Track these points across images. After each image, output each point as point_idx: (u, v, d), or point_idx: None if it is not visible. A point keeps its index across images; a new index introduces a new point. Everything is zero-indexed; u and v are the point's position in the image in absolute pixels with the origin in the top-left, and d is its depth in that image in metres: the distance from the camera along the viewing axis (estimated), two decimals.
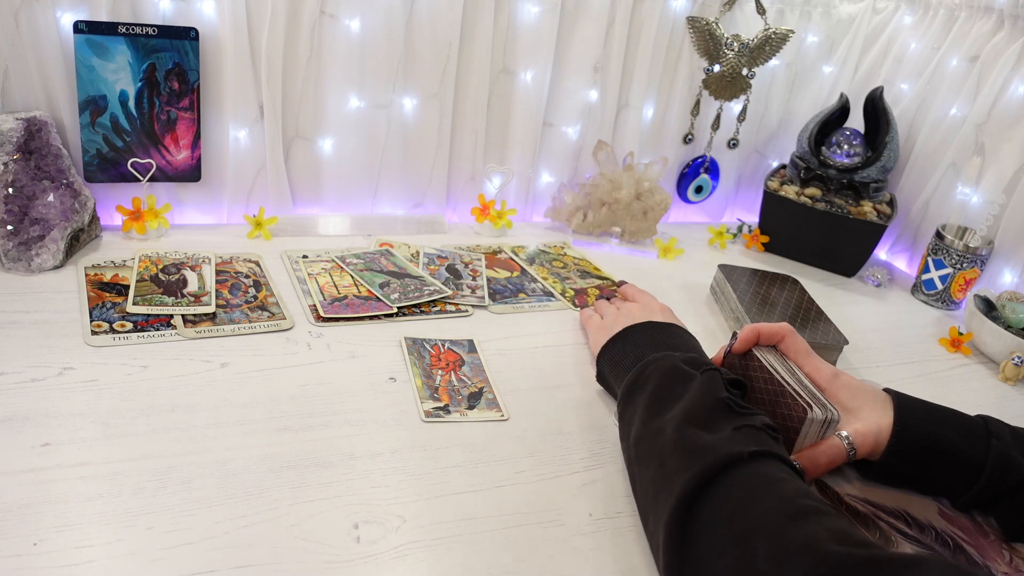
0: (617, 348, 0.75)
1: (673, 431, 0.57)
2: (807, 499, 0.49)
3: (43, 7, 0.85)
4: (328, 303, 0.86)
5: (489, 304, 0.91)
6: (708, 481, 0.51)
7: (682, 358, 0.66)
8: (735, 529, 0.48)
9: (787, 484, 0.50)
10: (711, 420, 0.57)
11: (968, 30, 1.14)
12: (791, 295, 1.00)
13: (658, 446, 0.57)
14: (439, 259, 1.00)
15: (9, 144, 0.83)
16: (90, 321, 0.75)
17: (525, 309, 0.92)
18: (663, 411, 0.61)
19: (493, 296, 0.93)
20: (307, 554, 0.53)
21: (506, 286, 0.97)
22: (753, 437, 0.55)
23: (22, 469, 0.56)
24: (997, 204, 1.09)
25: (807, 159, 1.19)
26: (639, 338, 0.74)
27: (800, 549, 0.44)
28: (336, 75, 1.01)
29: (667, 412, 0.60)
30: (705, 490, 0.51)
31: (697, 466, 0.52)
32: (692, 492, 0.51)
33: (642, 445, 0.60)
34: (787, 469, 0.53)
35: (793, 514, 0.47)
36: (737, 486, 0.51)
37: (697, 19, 1.17)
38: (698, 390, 0.61)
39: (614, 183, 1.15)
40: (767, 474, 0.52)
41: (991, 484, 0.63)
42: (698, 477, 0.51)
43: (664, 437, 0.57)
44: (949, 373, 0.95)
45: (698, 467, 0.52)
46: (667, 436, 0.57)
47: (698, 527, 0.50)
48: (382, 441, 0.65)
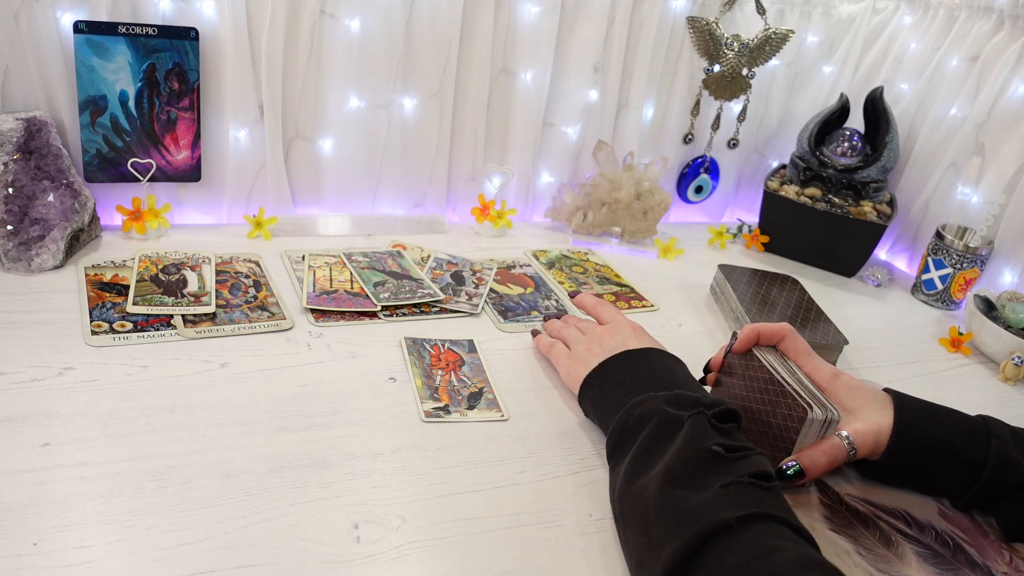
0: (596, 388, 0.69)
1: (655, 493, 0.53)
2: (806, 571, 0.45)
3: (43, 7, 0.85)
4: (316, 295, 0.86)
5: (500, 322, 0.88)
6: (695, 552, 0.47)
7: (666, 398, 0.62)
8: None
9: (781, 554, 0.45)
10: (695, 477, 0.53)
11: (968, 30, 1.14)
12: (791, 295, 1.00)
13: (641, 508, 0.53)
14: (448, 265, 1.00)
15: (9, 144, 0.83)
16: (90, 321, 0.75)
17: (537, 326, 0.88)
18: (649, 466, 0.56)
19: (504, 314, 0.90)
20: (307, 554, 0.53)
21: (519, 303, 0.93)
22: (742, 496, 0.50)
23: (22, 469, 0.56)
24: (997, 204, 1.09)
25: (807, 159, 1.19)
26: (619, 375, 0.69)
27: None
28: (336, 75, 1.01)
29: (651, 468, 0.56)
30: (692, 563, 0.47)
31: (681, 537, 0.48)
32: (678, 565, 0.47)
33: (626, 505, 0.56)
34: (784, 531, 0.49)
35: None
36: (726, 561, 0.46)
37: (697, 19, 1.17)
38: (682, 441, 0.56)
39: (614, 183, 1.15)
40: (759, 544, 0.47)
41: (991, 484, 0.63)
42: (682, 552, 0.47)
43: (647, 498, 0.53)
44: (949, 373, 0.95)
45: (683, 538, 0.48)
46: (650, 497, 0.53)
47: None
48: (382, 441, 0.65)
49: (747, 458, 0.54)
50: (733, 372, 0.72)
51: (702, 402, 0.61)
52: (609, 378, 0.69)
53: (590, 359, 0.72)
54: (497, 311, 0.90)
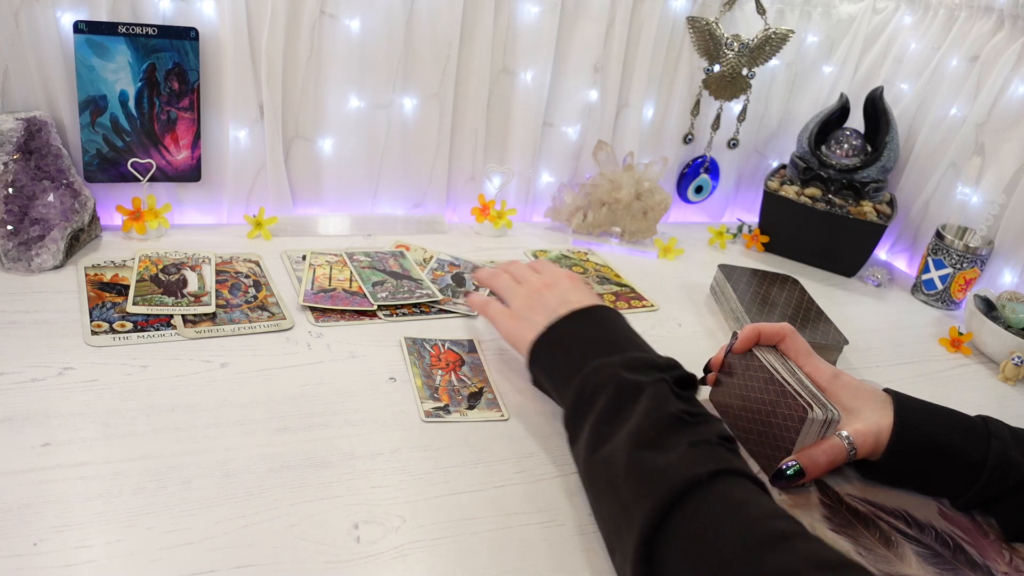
0: (546, 354, 0.68)
1: (623, 457, 0.54)
2: (776, 520, 0.46)
3: (43, 7, 0.85)
4: (313, 292, 0.86)
5: None
6: (669, 510, 0.48)
7: (622, 363, 0.62)
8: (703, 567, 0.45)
9: (752, 506, 0.47)
10: (662, 439, 0.54)
11: (968, 30, 1.14)
12: (791, 295, 1.00)
13: (610, 476, 0.54)
14: (450, 266, 1.00)
15: (9, 144, 0.83)
16: (90, 321, 0.75)
17: None
18: (611, 434, 0.57)
19: None
20: (307, 554, 0.53)
21: None
22: (709, 454, 0.52)
23: (22, 469, 0.56)
24: (997, 204, 1.09)
25: (807, 159, 1.19)
26: (568, 339, 0.67)
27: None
28: (336, 75, 1.01)
29: (615, 435, 0.57)
30: (666, 523, 0.48)
31: (654, 497, 0.49)
32: (653, 526, 0.48)
33: (593, 475, 0.57)
34: (750, 486, 0.50)
35: (764, 543, 0.44)
36: (700, 515, 0.48)
37: (697, 19, 1.17)
38: (645, 406, 0.57)
39: (614, 183, 1.15)
40: (729, 497, 0.49)
41: (991, 484, 0.63)
42: (657, 510, 0.48)
43: (615, 465, 0.54)
44: (949, 373, 0.95)
45: (655, 498, 0.49)
46: (618, 464, 0.54)
47: (663, 566, 0.47)
48: (382, 441, 0.65)
49: (709, 423, 0.57)
50: (733, 372, 0.72)
51: (657, 364, 0.62)
52: (559, 343, 0.68)
53: (533, 318, 0.70)
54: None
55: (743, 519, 0.46)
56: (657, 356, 0.64)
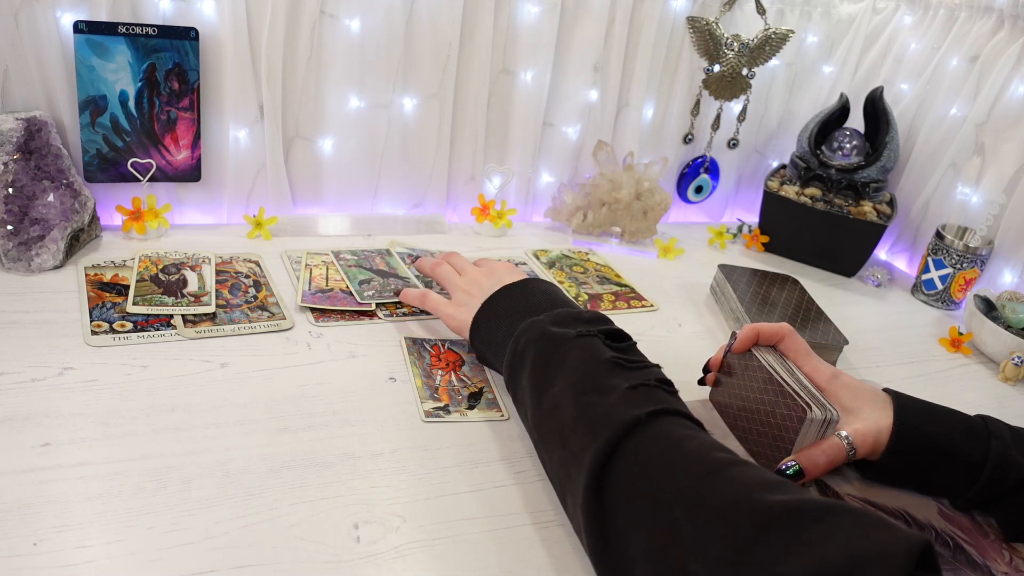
0: (483, 327, 0.73)
1: (569, 404, 0.56)
2: (714, 451, 0.49)
3: (43, 7, 0.85)
4: (311, 293, 0.86)
5: None
6: (613, 451, 0.50)
7: (549, 320, 0.65)
8: (649, 500, 0.47)
9: (691, 441, 0.50)
10: (603, 384, 0.56)
11: (968, 30, 1.14)
12: (791, 295, 1.00)
13: (557, 425, 0.56)
14: (409, 258, 1.00)
15: (9, 144, 0.83)
16: (90, 321, 0.75)
17: None
18: (550, 384, 0.59)
19: None
20: (307, 554, 0.53)
21: None
22: (649, 396, 0.54)
23: (22, 469, 0.56)
24: (997, 204, 1.09)
25: (807, 159, 1.19)
26: (501, 309, 0.72)
27: (720, 510, 0.43)
28: (336, 75, 1.01)
29: (554, 384, 0.59)
30: (612, 462, 0.50)
31: (600, 439, 0.51)
32: (599, 467, 0.50)
33: (542, 427, 0.59)
34: (689, 424, 0.53)
35: (705, 473, 0.46)
36: (642, 452, 0.50)
37: (697, 19, 1.17)
38: (579, 355, 0.60)
39: (614, 183, 1.15)
40: (670, 434, 0.51)
41: (991, 484, 0.63)
42: (602, 451, 0.50)
43: (561, 412, 0.56)
44: (949, 373, 0.95)
45: (601, 439, 0.51)
46: (564, 411, 0.56)
47: (612, 503, 0.49)
48: (382, 441, 0.65)
49: (647, 367, 0.59)
50: (732, 372, 0.72)
51: (584, 317, 0.65)
52: (493, 315, 0.72)
53: (472, 302, 0.75)
54: None
55: (683, 454, 0.49)
56: (582, 310, 0.67)
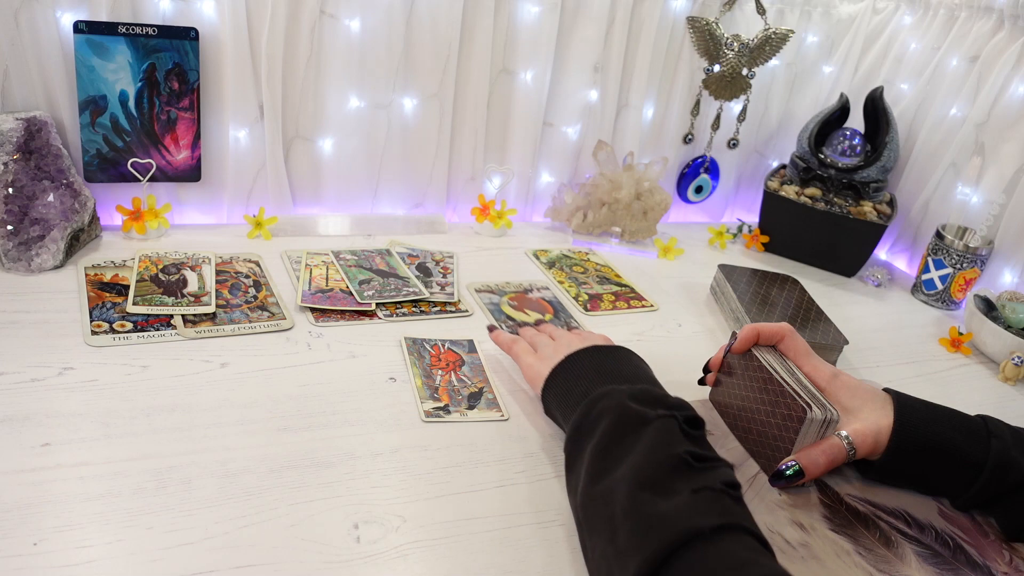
0: (560, 380, 0.67)
1: (624, 497, 0.50)
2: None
3: (43, 7, 0.85)
4: (311, 293, 0.86)
5: None
6: (665, 560, 0.45)
7: (631, 393, 0.60)
8: None
9: (755, 568, 0.44)
10: (665, 482, 0.51)
11: (968, 30, 1.14)
12: (791, 295, 1.00)
13: (608, 514, 0.51)
14: (410, 258, 1.00)
15: (9, 144, 0.83)
16: (90, 321, 0.75)
17: None
18: (612, 466, 0.54)
19: None
20: (307, 554, 0.53)
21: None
22: (715, 504, 0.49)
23: (22, 469, 0.56)
24: (997, 204, 1.09)
25: (807, 159, 1.19)
26: (583, 367, 0.67)
27: None
28: (336, 75, 1.01)
29: (616, 468, 0.54)
30: (663, 572, 0.45)
31: (652, 545, 0.46)
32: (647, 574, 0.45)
33: (590, 509, 0.53)
34: (755, 545, 0.47)
35: None
36: (697, 571, 0.44)
37: (697, 19, 1.17)
38: (650, 443, 0.54)
39: (614, 183, 1.15)
40: (731, 555, 0.45)
41: (991, 484, 0.63)
42: (652, 561, 0.45)
43: (614, 504, 0.51)
44: (949, 373, 0.95)
45: (653, 547, 0.45)
46: (617, 503, 0.51)
47: None
48: (382, 441, 0.65)
49: (716, 468, 0.53)
50: (732, 372, 0.72)
51: (667, 402, 0.59)
52: (573, 371, 0.67)
53: (555, 356, 0.69)
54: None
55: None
56: (668, 394, 0.61)
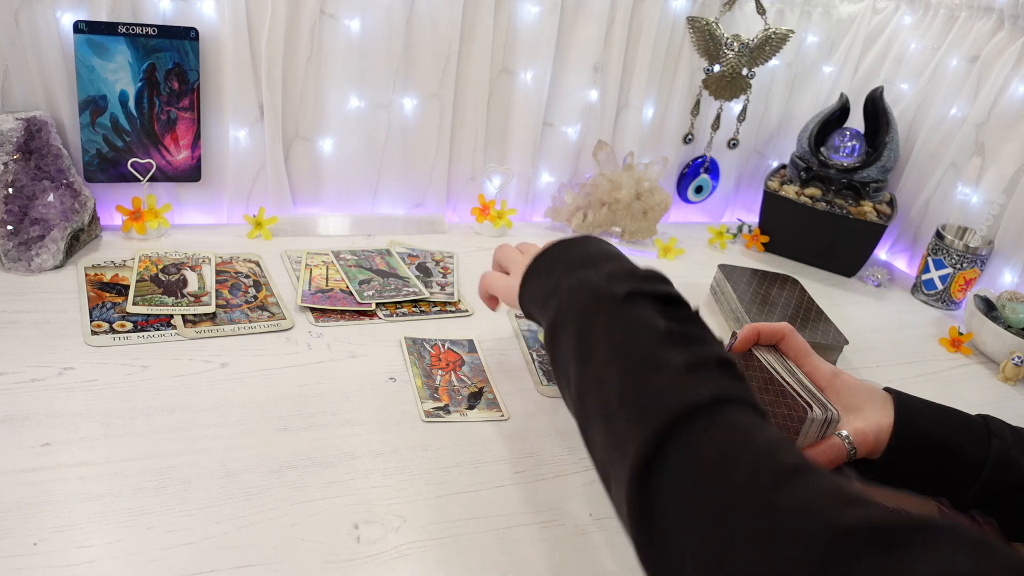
0: (531, 285, 0.66)
1: (615, 382, 0.49)
2: (786, 452, 0.42)
3: (43, 7, 0.85)
4: (311, 293, 0.86)
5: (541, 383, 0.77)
6: (666, 439, 0.43)
7: (600, 276, 0.57)
8: (707, 502, 0.40)
9: (760, 438, 0.42)
10: (656, 358, 0.48)
11: (968, 30, 1.14)
12: (791, 295, 1.00)
13: (602, 400, 0.49)
14: (410, 258, 1.00)
15: (9, 144, 0.83)
16: (90, 321, 0.75)
17: None
18: (597, 352, 0.52)
19: (550, 375, 0.78)
20: (307, 554, 0.53)
21: None
22: (710, 379, 0.47)
23: (22, 469, 0.56)
24: (997, 204, 1.09)
25: (807, 159, 1.19)
26: (551, 264, 0.65)
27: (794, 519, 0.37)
28: (336, 75, 1.01)
29: (601, 352, 0.52)
30: (664, 451, 0.43)
31: (651, 425, 0.44)
32: (649, 457, 0.43)
33: (585, 400, 0.52)
34: (753, 415, 0.45)
35: (775, 474, 0.40)
36: (702, 444, 0.43)
37: (697, 19, 1.17)
38: (630, 322, 0.52)
39: (614, 183, 1.15)
40: (735, 426, 0.43)
41: (991, 483, 0.63)
42: (653, 439, 0.43)
43: (607, 390, 0.49)
44: (949, 373, 0.95)
45: (652, 426, 0.44)
46: (610, 389, 0.49)
47: (662, 499, 0.42)
48: (382, 441, 0.65)
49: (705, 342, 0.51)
50: None
51: (637, 274, 0.57)
52: (542, 271, 0.65)
53: (524, 264, 0.68)
54: (542, 370, 0.79)
55: (751, 450, 0.41)
56: (640, 268, 0.59)
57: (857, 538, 0.35)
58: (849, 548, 0.35)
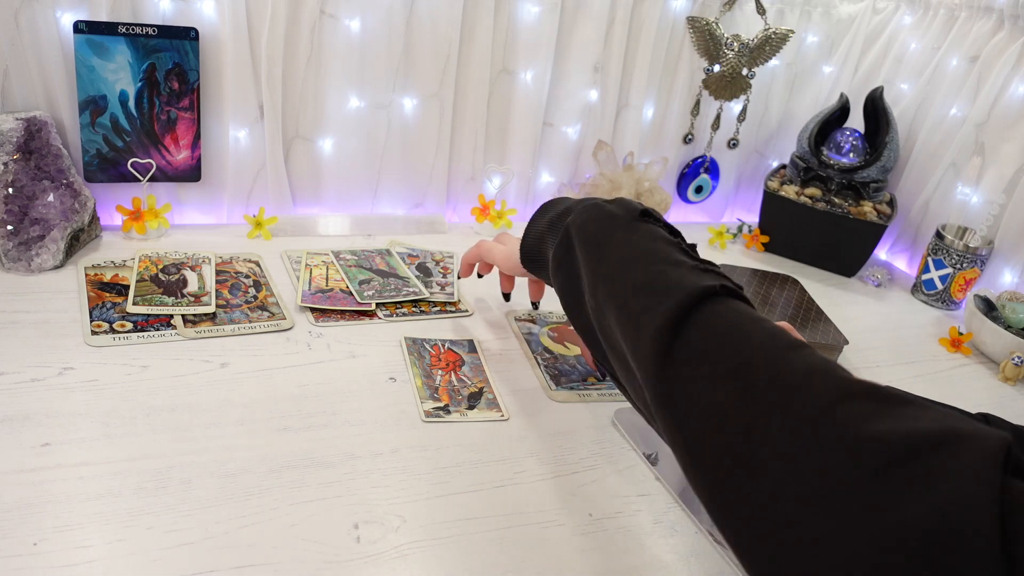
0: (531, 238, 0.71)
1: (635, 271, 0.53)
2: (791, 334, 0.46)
3: (43, 7, 0.85)
4: (311, 293, 0.86)
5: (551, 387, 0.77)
6: (689, 311, 0.47)
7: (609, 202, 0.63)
8: (727, 362, 0.44)
9: (768, 323, 0.46)
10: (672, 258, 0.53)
11: (968, 30, 1.14)
12: (791, 295, 1.00)
13: (622, 288, 0.53)
14: (410, 258, 1.00)
15: (9, 144, 0.83)
16: (90, 321, 0.75)
17: (593, 397, 0.76)
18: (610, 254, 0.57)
19: (557, 379, 0.78)
20: (307, 554, 0.53)
21: (574, 367, 0.81)
22: (720, 279, 0.51)
23: (22, 469, 0.56)
24: (997, 204, 1.09)
25: (807, 159, 1.19)
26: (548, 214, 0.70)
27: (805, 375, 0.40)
28: (336, 75, 1.01)
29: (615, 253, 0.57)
30: (688, 320, 0.47)
31: (671, 300, 0.48)
32: (669, 328, 0.46)
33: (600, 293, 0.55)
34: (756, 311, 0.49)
35: (786, 345, 0.43)
36: (720, 320, 0.47)
37: (697, 19, 1.17)
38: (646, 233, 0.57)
39: (614, 183, 1.15)
40: (747, 311, 0.48)
41: None
42: (674, 312, 0.47)
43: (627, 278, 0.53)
44: (949, 373, 0.95)
45: (672, 301, 0.48)
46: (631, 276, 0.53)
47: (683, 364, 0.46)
48: (382, 441, 0.65)
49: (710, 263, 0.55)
50: None
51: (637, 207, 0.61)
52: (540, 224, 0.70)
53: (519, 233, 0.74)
54: (549, 374, 0.79)
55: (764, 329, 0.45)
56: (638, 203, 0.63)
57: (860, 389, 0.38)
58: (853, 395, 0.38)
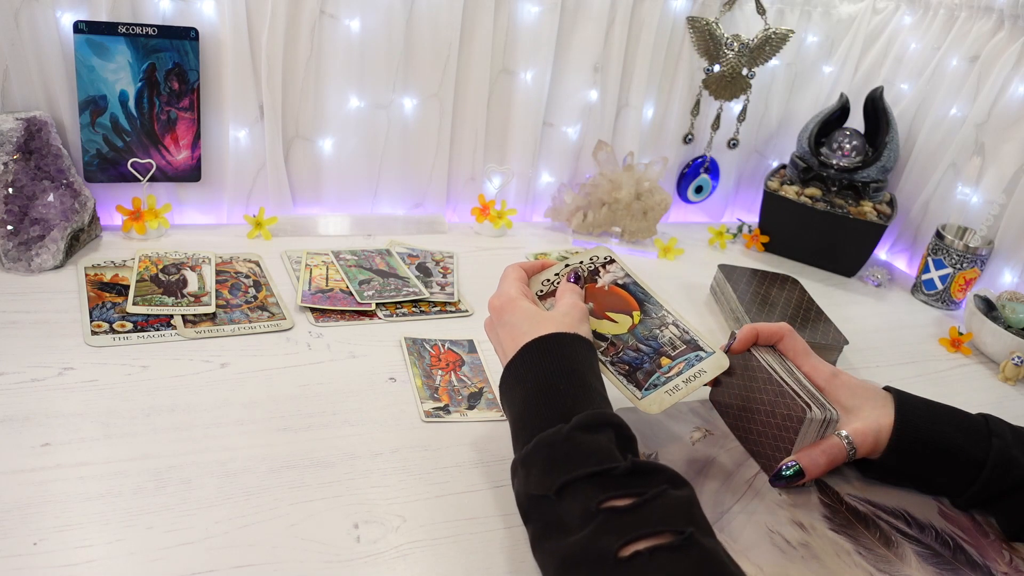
0: (505, 389, 0.60)
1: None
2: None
3: (43, 7, 0.85)
4: (311, 293, 0.86)
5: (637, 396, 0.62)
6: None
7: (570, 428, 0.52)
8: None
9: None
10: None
11: (968, 30, 1.14)
12: (791, 295, 1.00)
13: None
14: (410, 258, 1.00)
15: (9, 144, 0.83)
16: (90, 321, 0.75)
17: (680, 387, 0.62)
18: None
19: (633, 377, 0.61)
20: (307, 554, 0.53)
21: (639, 351, 0.62)
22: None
23: (22, 469, 0.56)
24: (997, 204, 1.09)
25: (807, 159, 1.19)
26: (522, 379, 0.58)
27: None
28: (336, 75, 1.01)
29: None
30: None
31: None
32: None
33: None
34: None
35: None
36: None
37: (697, 19, 1.17)
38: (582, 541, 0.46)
39: (614, 183, 1.15)
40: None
41: (992, 482, 0.63)
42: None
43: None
44: (949, 373, 0.95)
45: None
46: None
47: None
48: (382, 441, 0.65)
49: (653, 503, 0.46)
50: (732, 372, 0.72)
51: (605, 418, 0.52)
52: (513, 376, 0.59)
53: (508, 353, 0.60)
54: (622, 375, 0.61)
55: None
56: (598, 414, 0.53)
57: None
58: None
